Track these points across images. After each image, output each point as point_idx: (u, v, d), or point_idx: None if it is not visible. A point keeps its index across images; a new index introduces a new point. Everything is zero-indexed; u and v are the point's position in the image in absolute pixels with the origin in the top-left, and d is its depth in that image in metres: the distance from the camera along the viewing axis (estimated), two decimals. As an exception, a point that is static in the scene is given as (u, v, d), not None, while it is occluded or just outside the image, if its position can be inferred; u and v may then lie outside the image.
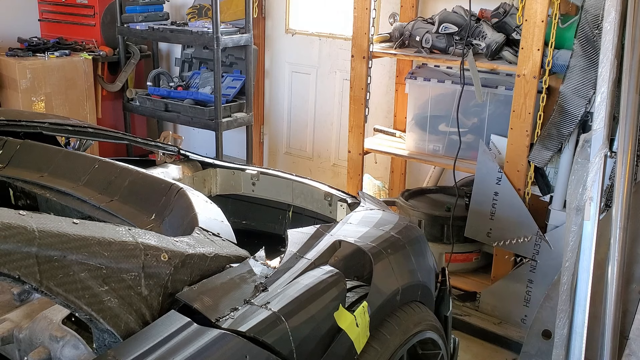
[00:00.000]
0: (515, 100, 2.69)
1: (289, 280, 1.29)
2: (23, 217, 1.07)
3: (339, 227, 1.60)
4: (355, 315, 1.31)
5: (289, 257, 1.40)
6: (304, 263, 1.37)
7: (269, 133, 4.55)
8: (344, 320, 1.28)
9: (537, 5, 2.54)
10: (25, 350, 1.30)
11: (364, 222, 1.70)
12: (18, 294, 1.43)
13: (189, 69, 4.47)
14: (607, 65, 2.20)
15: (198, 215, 1.49)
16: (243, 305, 1.19)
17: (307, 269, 1.34)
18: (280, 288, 1.26)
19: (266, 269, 1.34)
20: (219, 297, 1.19)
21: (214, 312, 1.14)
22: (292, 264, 1.37)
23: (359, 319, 1.31)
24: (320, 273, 1.33)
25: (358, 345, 1.30)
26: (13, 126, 2.10)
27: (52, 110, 4.03)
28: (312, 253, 1.42)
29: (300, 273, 1.33)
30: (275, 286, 1.27)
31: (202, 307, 1.15)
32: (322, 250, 1.43)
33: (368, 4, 3.01)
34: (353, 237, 1.55)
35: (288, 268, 1.34)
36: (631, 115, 2.15)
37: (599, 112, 2.21)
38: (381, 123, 3.63)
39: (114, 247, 1.13)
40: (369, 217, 1.75)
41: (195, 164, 2.27)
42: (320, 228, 1.56)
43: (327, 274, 1.32)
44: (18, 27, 4.48)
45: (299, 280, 1.30)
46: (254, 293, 1.24)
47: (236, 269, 1.31)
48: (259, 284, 1.27)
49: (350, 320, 1.29)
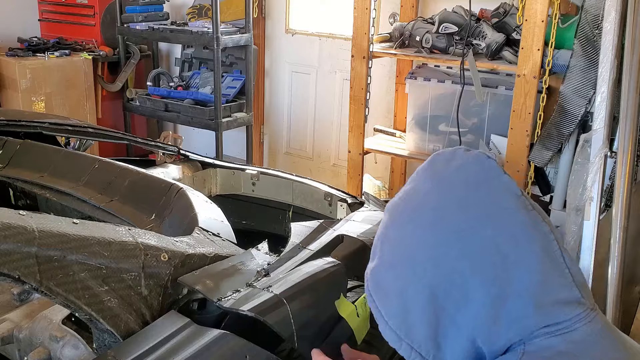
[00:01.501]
0: (515, 100, 2.69)
1: (291, 267, 1.30)
2: (23, 217, 1.07)
3: (342, 223, 1.61)
4: (357, 305, 1.31)
5: (292, 247, 1.41)
6: (306, 253, 1.38)
7: (269, 133, 4.54)
8: (344, 309, 1.28)
9: (537, 5, 2.54)
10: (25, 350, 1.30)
11: (367, 220, 1.70)
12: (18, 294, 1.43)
13: (189, 69, 4.47)
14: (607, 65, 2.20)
15: (198, 215, 1.49)
16: (245, 288, 1.20)
17: (309, 258, 1.35)
18: (282, 274, 1.27)
19: (268, 257, 1.35)
20: (220, 281, 1.20)
21: (216, 293, 1.15)
22: (294, 253, 1.38)
23: (360, 309, 1.32)
24: (322, 262, 1.34)
25: (359, 336, 1.31)
26: (13, 126, 2.10)
27: (52, 110, 4.03)
28: (314, 245, 1.43)
29: (302, 262, 1.33)
30: (277, 272, 1.28)
31: (204, 288, 1.16)
32: (325, 243, 1.44)
33: (368, 4, 3.01)
34: (355, 233, 1.55)
35: (290, 257, 1.35)
36: (631, 115, 2.15)
37: (599, 112, 2.21)
38: (381, 123, 3.63)
39: (114, 247, 1.13)
40: (372, 216, 1.76)
41: (195, 164, 2.26)
42: (323, 223, 1.57)
43: (328, 263, 1.32)
44: (18, 27, 4.48)
45: (300, 268, 1.30)
46: (256, 277, 1.25)
47: (238, 257, 1.33)
48: (261, 269, 1.28)
49: (351, 310, 1.29)
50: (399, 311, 0.84)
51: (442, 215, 0.82)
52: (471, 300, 0.79)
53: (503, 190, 0.82)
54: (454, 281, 0.79)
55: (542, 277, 0.79)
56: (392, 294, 0.85)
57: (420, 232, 0.83)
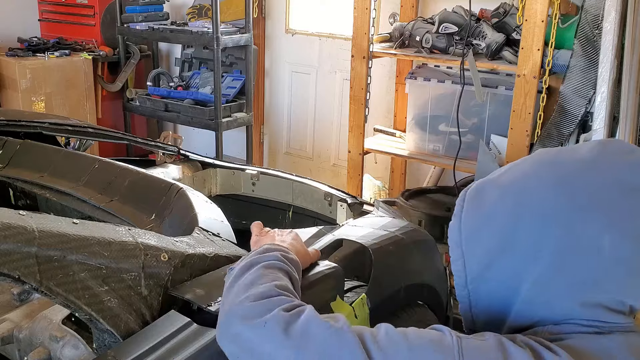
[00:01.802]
0: (515, 100, 2.69)
1: None
2: (23, 217, 1.07)
3: (342, 228, 1.60)
4: (354, 307, 1.30)
5: None
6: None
7: (269, 133, 4.54)
8: (341, 311, 1.27)
9: (537, 5, 2.54)
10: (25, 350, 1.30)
11: (369, 224, 1.69)
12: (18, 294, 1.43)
13: (189, 69, 4.47)
14: (607, 65, 2.20)
15: (198, 215, 1.48)
16: None
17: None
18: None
19: None
20: (211, 289, 1.19)
21: (206, 300, 1.14)
22: None
23: (358, 310, 1.31)
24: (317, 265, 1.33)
25: None
26: (13, 126, 2.10)
27: (52, 110, 4.03)
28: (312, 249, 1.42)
29: None
30: None
31: (194, 297, 1.15)
32: (323, 247, 1.43)
33: (368, 4, 3.01)
34: (355, 236, 1.55)
35: None
36: (631, 115, 2.15)
37: (599, 112, 2.21)
38: (381, 123, 3.63)
39: (114, 247, 1.13)
40: (375, 220, 1.75)
41: (195, 164, 2.26)
42: (323, 229, 1.56)
43: (324, 266, 1.32)
44: (18, 27, 4.48)
45: None
46: None
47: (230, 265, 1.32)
48: None
49: (348, 312, 1.29)
50: (478, 221, 0.86)
51: (581, 182, 0.81)
52: (542, 256, 0.80)
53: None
54: (541, 229, 0.80)
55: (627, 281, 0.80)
56: (483, 205, 0.86)
57: (548, 178, 0.83)
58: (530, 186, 0.83)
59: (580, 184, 0.81)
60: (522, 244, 0.81)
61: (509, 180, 0.86)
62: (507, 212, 0.83)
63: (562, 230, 0.79)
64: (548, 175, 0.83)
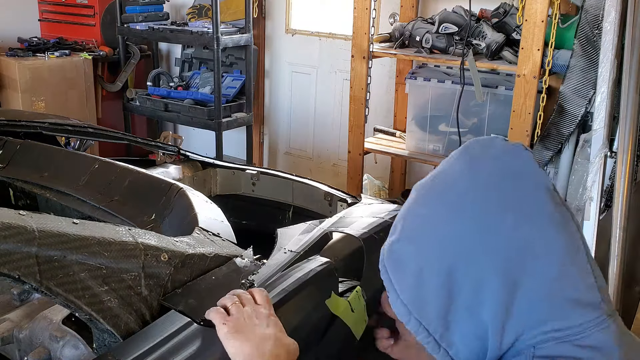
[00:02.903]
0: (515, 100, 2.69)
1: (277, 274, 1.29)
2: (23, 217, 1.07)
3: (330, 220, 1.59)
4: (350, 300, 1.30)
5: (277, 252, 1.39)
6: (293, 256, 1.36)
7: (269, 133, 4.55)
8: (337, 307, 1.27)
9: (537, 5, 2.54)
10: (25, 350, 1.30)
11: (357, 213, 1.69)
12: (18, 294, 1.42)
13: (189, 69, 4.47)
14: (607, 65, 2.20)
15: (198, 215, 1.48)
16: None
17: (295, 261, 1.34)
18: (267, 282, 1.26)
19: (253, 266, 1.33)
20: (203, 299, 1.17)
21: (199, 313, 1.13)
22: (280, 258, 1.36)
23: (354, 304, 1.30)
24: (309, 263, 1.32)
25: (356, 331, 1.29)
26: (13, 126, 2.10)
27: (52, 110, 4.03)
28: (301, 246, 1.41)
29: (289, 266, 1.32)
30: (262, 281, 1.26)
31: (187, 309, 1.14)
32: (312, 243, 1.42)
33: (368, 4, 3.01)
34: (343, 227, 1.54)
35: (276, 263, 1.34)
36: (631, 115, 2.15)
37: (599, 112, 2.21)
38: (381, 123, 3.63)
39: (114, 247, 1.13)
40: (363, 209, 1.75)
41: (195, 164, 2.26)
42: (310, 224, 1.55)
43: (315, 263, 1.31)
44: (18, 27, 4.48)
45: (286, 273, 1.29)
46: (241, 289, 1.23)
47: (222, 269, 1.31)
48: (245, 281, 1.26)
49: (344, 307, 1.28)
50: (413, 285, 0.84)
51: (471, 197, 0.82)
52: (487, 285, 0.79)
53: (536, 182, 0.83)
54: (472, 263, 0.79)
55: (561, 273, 0.78)
56: (408, 268, 0.85)
57: (445, 210, 0.83)
58: (437, 227, 0.83)
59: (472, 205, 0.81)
60: (463, 285, 0.80)
61: (413, 230, 0.86)
62: (431, 263, 0.82)
63: (490, 255, 0.79)
64: (443, 208, 0.83)
